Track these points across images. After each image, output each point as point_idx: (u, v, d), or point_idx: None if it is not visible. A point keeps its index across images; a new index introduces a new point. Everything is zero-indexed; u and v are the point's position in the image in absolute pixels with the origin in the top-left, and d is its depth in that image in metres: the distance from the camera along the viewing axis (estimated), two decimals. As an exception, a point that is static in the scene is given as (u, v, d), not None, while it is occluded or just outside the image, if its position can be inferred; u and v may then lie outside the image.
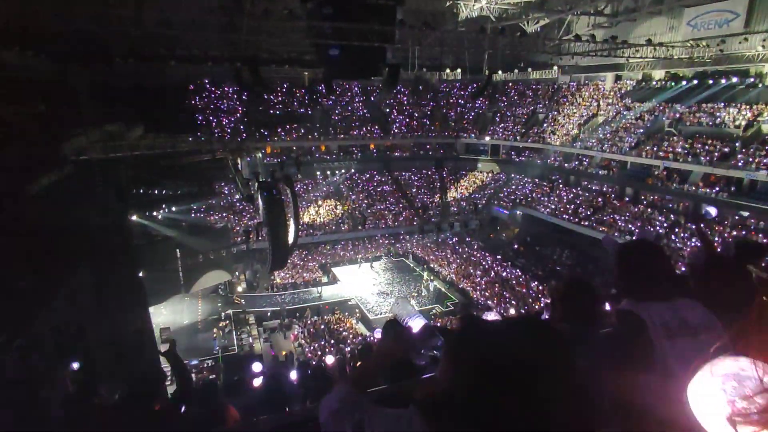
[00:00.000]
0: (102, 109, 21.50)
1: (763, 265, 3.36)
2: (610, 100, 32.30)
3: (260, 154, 31.85)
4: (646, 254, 2.06)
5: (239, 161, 30.01)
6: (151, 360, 13.68)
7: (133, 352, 11.33)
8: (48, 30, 18.61)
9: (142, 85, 25.54)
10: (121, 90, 23.98)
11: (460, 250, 31.59)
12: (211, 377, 15.74)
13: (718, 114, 25.01)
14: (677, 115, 26.98)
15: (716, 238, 21.17)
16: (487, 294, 25.63)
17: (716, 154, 23.34)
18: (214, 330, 21.95)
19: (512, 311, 21.99)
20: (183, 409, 3.76)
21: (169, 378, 7.82)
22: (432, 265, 30.40)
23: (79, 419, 3.41)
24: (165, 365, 15.02)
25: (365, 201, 34.60)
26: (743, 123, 23.73)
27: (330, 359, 4.42)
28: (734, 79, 25.03)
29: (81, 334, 9.39)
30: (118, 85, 24.10)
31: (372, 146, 37.19)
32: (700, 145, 24.36)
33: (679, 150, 25.07)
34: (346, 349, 19.55)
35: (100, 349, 10.15)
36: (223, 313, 23.31)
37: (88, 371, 8.06)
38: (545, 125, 34.90)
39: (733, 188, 22.50)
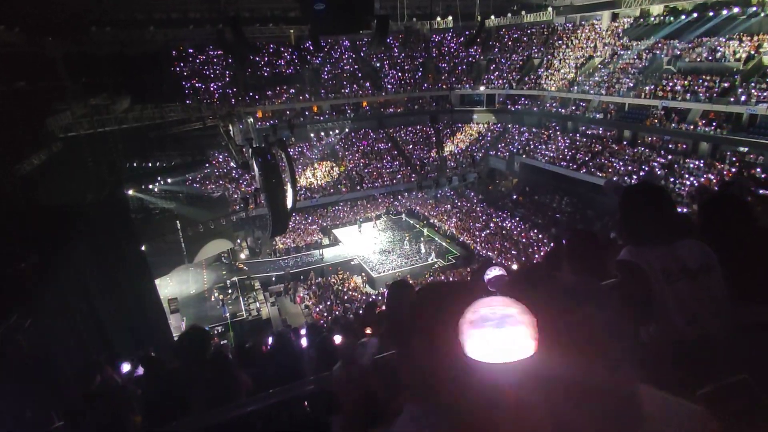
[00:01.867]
0: (84, 82, 20.83)
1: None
2: (607, 40, 31.31)
3: (252, 119, 31.18)
4: (650, 198, 2.01)
5: (231, 128, 29.46)
6: (164, 332, 13.98)
7: (144, 324, 11.54)
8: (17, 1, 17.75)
9: (122, 54, 24.59)
10: (101, 60, 23.12)
11: (459, 203, 31.60)
12: (222, 342, 16.14)
13: (718, 48, 24.28)
14: (676, 52, 26.21)
15: (713, 176, 21.15)
16: (487, 246, 25.87)
17: (716, 90, 22.86)
18: (218, 295, 22.31)
19: (514, 263, 22.31)
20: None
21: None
22: (432, 221, 30.51)
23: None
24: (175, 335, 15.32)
25: (361, 160, 34.24)
26: (743, 56, 23.07)
27: (338, 339, 4.44)
28: (735, 9, 24.12)
29: (93, 313, 9.52)
30: (98, 56, 23.20)
31: (365, 104, 36.38)
32: (699, 82, 23.81)
33: (678, 88, 24.53)
34: (353, 308, 20.00)
35: (113, 325, 10.32)
36: (228, 281, 23.61)
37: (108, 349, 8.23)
38: (541, 71, 33.99)
39: (730, 126, 22.20)
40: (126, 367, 5.89)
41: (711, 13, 25.05)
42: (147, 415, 3.79)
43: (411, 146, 36.25)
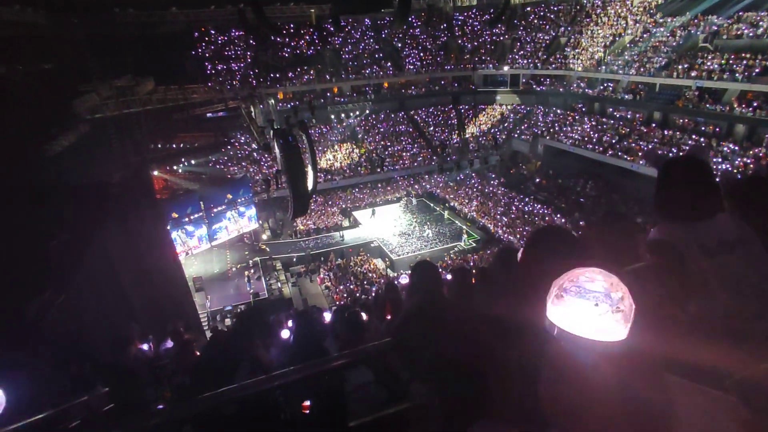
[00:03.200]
0: (107, 63, 21.14)
1: None
2: (639, 17, 29.98)
3: (273, 101, 31.25)
4: (693, 171, 1.94)
5: (252, 109, 29.62)
6: (190, 309, 14.34)
7: (170, 302, 11.84)
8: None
9: (144, 35, 24.82)
10: (125, 42, 23.40)
11: (481, 186, 31.19)
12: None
13: (760, 23, 22.97)
14: (714, 28, 24.92)
15: (750, 160, 20.28)
16: (508, 230, 25.56)
17: (756, 68, 21.71)
18: (244, 272, 22.76)
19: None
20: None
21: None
22: (452, 204, 30.25)
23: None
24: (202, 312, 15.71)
25: (382, 142, 34.02)
26: (787, 32, 21.82)
27: (363, 316, 4.45)
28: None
29: (121, 290, 9.80)
30: (121, 37, 23.48)
31: (386, 85, 35.93)
32: (737, 60, 22.64)
33: (715, 67, 23.39)
34: (372, 289, 20.11)
35: (140, 301, 10.61)
36: (250, 261, 24.01)
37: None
38: (568, 50, 32.87)
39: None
40: (148, 345, 6.05)
41: (752, -13, 23.69)
42: (176, 388, 3.90)
43: (432, 128, 35.80)
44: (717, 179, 2.04)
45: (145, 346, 5.94)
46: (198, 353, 4.73)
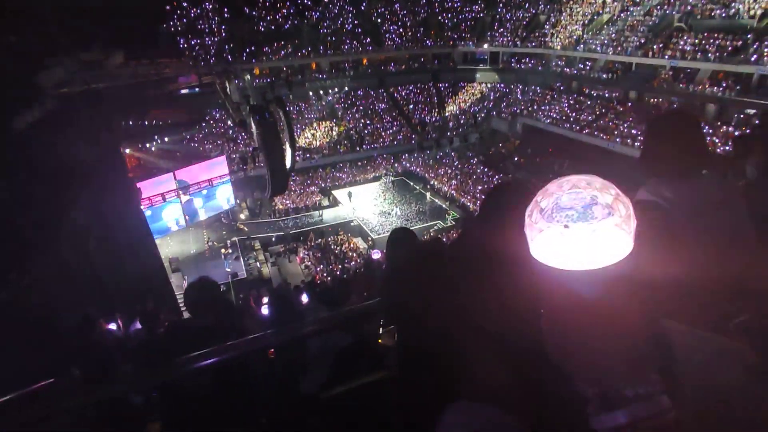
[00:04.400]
0: (74, 36, 20.14)
1: None
2: (617, -5, 30.07)
3: (249, 77, 30.43)
4: (680, 125, 1.92)
5: (228, 85, 28.77)
6: (165, 290, 14.17)
7: (144, 283, 11.66)
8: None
9: (114, 7, 23.68)
10: (92, 13, 22.28)
11: (460, 165, 31.33)
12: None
13: (732, 4, 23.34)
14: (689, 8, 25.22)
15: (718, 139, 20.86)
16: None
17: (727, 49, 22.16)
18: (222, 250, 22.61)
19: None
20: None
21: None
22: (432, 182, 30.36)
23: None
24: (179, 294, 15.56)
25: (361, 120, 33.66)
26: (758, 12, 22.23)
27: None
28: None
29: (93, 271, 9.60)
30: (88, 8, 22.33)
31: (365, 61, 35.36)
32: (710, 41, 23.05)
33: (688, 48, 23.77)
34: (352, 268, 20.23)
35: (113, 283, 10.43)
36: (228, 241, 23.74)
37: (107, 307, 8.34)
38: (547, 28, 32.83)
39: (738, 87, 21.68)
40: (117, 326, 5.96)
41: (727, -33, 23.94)
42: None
43: (412, 106, 35.55)
44: (705, 135, 2.04)
45: (113, 326, 5.84)
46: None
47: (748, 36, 21.72)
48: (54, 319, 6.70)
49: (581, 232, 0.68)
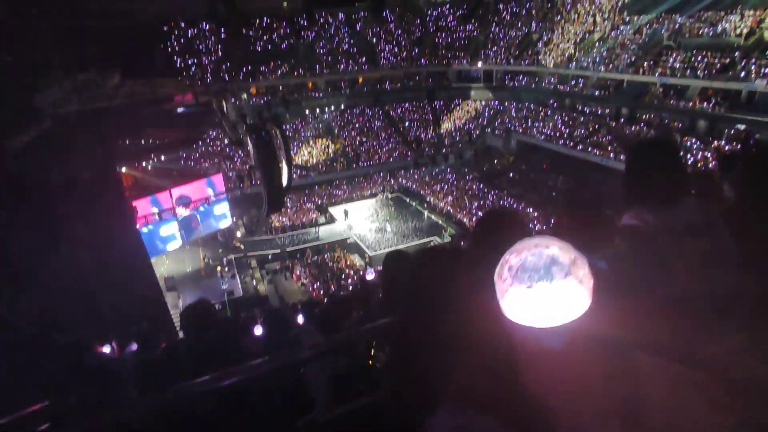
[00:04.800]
0: (72, 56, 20.32)
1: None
2: (607, 15, 30.74)
3: (245, 96, 30.71)
4: (661, 153, 1.97)
5: (224, 104, 29.03)
6: (160, 310, 14.03)
7: (139, 303, 11.56)
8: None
9: (111, 27, 23.95)
10: (90, 33, 22.53)
11: (456, 181, 31.51)
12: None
13: (719, 23, 23.91)
14: (677, 27, 25.81)
15: (710, 154, 21.12)
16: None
17: (716, 66, 22.61)
18: (218, 268, 22.55)
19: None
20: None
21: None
22: (428, 199, 30.46)
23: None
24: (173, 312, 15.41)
25: (357, 138, 33.91)
26: (745, 31, 22.77)
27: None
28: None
29: (87, 291, 9.51)
30: (86, 29, 22.58)
31: (360, 80, 35.80)
32: (699, 59, 23.53)
33: (678, 65, 24.25)
34: (349, 285, 20.12)
35: (107, 304, 10.32)
36: (224, 258, 23.62)
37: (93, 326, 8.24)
38: (540, 46, 33.45)
39: (728, 104, 22.10)
40: (111, 349, 5.88)
41: (713, -13, 24.61)
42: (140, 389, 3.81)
43: (407, 123, 35.89)
44: (684, 162, 2.09)
45: (106, 349, 5.76)
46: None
47: (736, 53, 22.20)
48: (47, 339, 6.61)
49: (543, 290, 0.74)
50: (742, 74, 21.36)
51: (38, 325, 7.12)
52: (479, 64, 35.60)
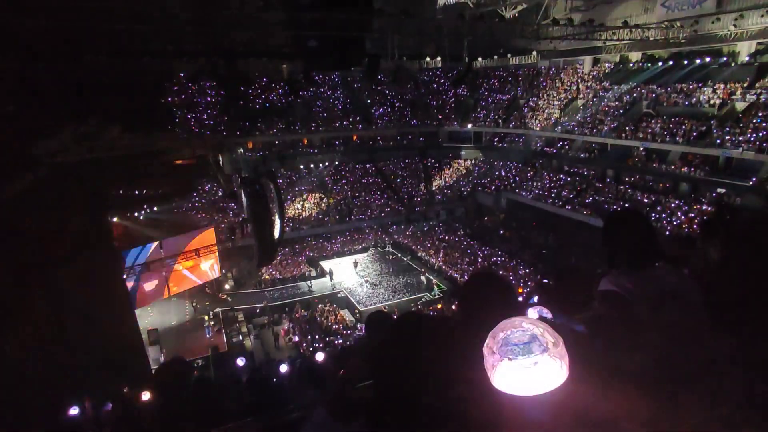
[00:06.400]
0: (74, 108, 20.86)
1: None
2: (589, 83, 32.59)
3: (242, 150, 31.38)
4: (631, 223, 2.11)
5: (220, 157, 29.59)
6: (141, 364, 13.52)
7: (120, 357, 11.16)
8: (11, 27, 17.88)
9: (115, 82, 24.83)
10: (94, 87, 23.29)
11: (447, 237, 31.73)
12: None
13: (693, 94, 25.44)
14: (654, 96, 27.37)
15: (694, 215, 21.68)
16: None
17: (693, 133, 23.78)
18: (204, 317, 22.12)
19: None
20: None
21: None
22: (420, 254, 30.48)
23: None
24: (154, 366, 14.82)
25: (350, 192, 34.43)
26: (717, 102, 24.19)
27: (320, 356, 4.35)
28: (708, 59, 25.47)
29: (67, 343, 9.22)
30: (90, 82, 23.38)
31: (355, 138, 36.96)
32: (677, 126, 24.78)
33: (658, 130, 25.47)
34: (337, 342, 19.60)
35: (87, 353, 9.96)
36: (211, 312, 23.06)
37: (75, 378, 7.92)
38: (526, 110, 35.07)
39: (707, 168, 23.07)
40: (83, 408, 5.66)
41: (686, 62, 26.38)
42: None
43: (400, 180, 36.66)
44: (654, 229, 2.22)
45: (74, 411, 5.53)
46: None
47: (711, 122, 23.44)
48: (23, 397, 6.34)
49: (523, 364, 0.84)
50: (718, 141, 22.43)
51: (13, 381, 6.84)
52: (469, 125, 37.08)
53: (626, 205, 24.60)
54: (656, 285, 1.92)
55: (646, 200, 24.80)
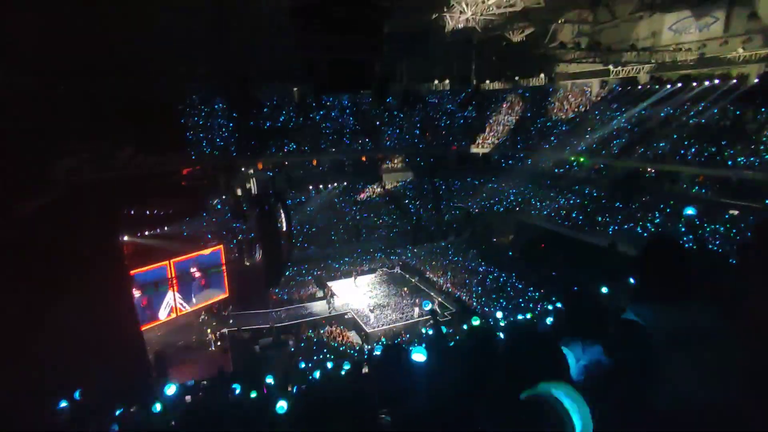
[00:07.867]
0: (90, 127, 21.35)
1: None
2: (598, 105, 32.68)
3: (252, 170, 31.76)
4: (669, 253, 2.00)
5: (231, 178, 29.99)
6: (147, 387, 13.44)
7: (126, 380, 11.12)
8: (34, 48, 18.48)
9: (130, 103, 25.38)
10: (110, 107, 23.82)
11: (456, 258, 31.52)
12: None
13: (702, 115, 25.39)
14: (663, 117, 27.35)
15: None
16: (483, 302, 25.52)
17: (704, 154, 23.64)
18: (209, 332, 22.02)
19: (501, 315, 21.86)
20: None
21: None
22: (428, 275, 30.26)
23: None
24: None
25: (359, 213, 34.52)
26: (727, 124, 24.10)
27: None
28: (716, 82, 25.47)
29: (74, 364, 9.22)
30: (106, 103, 23.91)
31: (363, 159, 37.26)
32: (686, 147, 24.67)
33: (668, 151, 25.37)
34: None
35: (97, 372, 9.94)
36: (218, 332, 22.98)
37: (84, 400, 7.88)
38: (534, 131, 35.18)
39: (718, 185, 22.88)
40: None
41: (694, 84, 26.39)
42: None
43: (408, 201, 36.73)
44: (689, 261, 2.06)
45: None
46: None
47: (722, 143, 23.31)
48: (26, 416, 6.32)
49: None
50: (730, 163, 22.26)
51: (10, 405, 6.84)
52: (478, 147, 37.22)
53: (658, 230, 23.85)
54: (682, 320, 1.81)
55: (656, 221, 24.52)
